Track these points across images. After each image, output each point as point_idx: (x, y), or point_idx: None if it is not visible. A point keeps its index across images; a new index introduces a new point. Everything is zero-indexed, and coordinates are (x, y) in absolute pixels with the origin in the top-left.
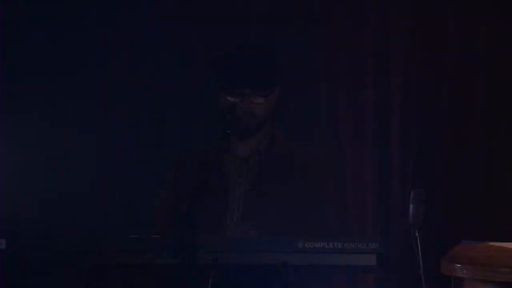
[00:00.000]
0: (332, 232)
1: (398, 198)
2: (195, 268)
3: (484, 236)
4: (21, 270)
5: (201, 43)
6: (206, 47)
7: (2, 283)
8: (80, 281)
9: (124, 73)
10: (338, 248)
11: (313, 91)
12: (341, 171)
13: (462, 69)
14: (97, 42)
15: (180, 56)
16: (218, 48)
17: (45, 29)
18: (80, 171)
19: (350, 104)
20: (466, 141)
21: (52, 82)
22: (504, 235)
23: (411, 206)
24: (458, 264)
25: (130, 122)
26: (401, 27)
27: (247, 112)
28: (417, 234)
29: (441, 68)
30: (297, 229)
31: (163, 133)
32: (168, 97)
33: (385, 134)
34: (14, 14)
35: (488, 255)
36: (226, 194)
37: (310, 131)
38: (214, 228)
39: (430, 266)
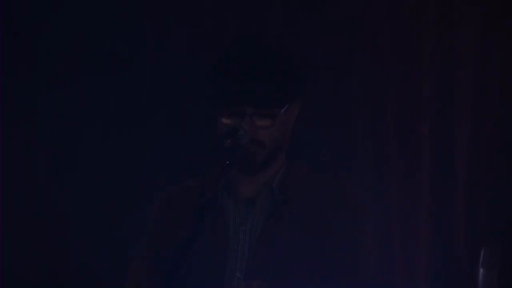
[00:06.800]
0: None
1: (463, 259)
2: None
3: None
4: None
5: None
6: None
7: None
8: None
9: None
10: None
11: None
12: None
13: None
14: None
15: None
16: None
17: (44, 29)
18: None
19: (405, 145)
20: None
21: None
22: None
23: (481, 270)
24: None
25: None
26: (470, 59)
27: (253, 140)
28: None
29: None
30: None
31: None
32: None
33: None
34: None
35: None
36: (225, 246)
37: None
38: None
39: None
